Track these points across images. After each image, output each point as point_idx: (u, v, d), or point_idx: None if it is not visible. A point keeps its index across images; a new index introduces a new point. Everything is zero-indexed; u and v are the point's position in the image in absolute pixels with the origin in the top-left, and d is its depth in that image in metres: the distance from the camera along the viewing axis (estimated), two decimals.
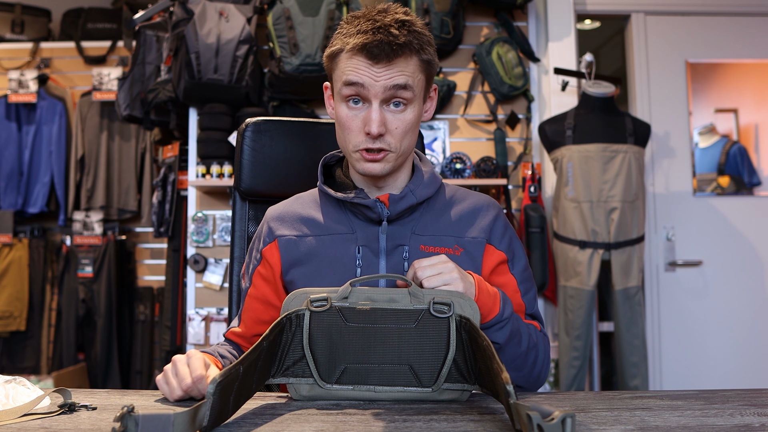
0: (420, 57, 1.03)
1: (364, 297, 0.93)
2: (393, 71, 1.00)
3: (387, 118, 1.03)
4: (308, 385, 0.93)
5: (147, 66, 3.07)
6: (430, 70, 1.06)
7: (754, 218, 3.05)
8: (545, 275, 2.73)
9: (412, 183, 1.10)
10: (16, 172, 3.68)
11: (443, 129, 2.89)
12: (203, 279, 2.77)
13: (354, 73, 1.01)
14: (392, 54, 0.99)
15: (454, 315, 0.92)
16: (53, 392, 0.93)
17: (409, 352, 0.92)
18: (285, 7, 2.67)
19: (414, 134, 1.07)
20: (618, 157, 2.61)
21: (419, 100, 1.06)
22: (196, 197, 2.82)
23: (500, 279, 1.11)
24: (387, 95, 1.01)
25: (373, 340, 0.92)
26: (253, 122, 1.37)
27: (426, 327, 0.92)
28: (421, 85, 1.05)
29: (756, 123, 3.15)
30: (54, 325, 3.71)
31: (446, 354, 0.91)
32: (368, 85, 1.01)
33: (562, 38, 2.95)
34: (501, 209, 1.16)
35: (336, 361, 0.92)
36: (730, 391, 0.97)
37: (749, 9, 3.11)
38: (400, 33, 1.00)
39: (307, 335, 0.92)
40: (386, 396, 0.92)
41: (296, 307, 0.93)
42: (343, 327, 0.92)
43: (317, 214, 1.12)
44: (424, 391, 0.92)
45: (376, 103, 1.02)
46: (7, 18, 3.92)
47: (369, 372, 0.92)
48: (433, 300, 0.92)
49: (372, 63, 1.00)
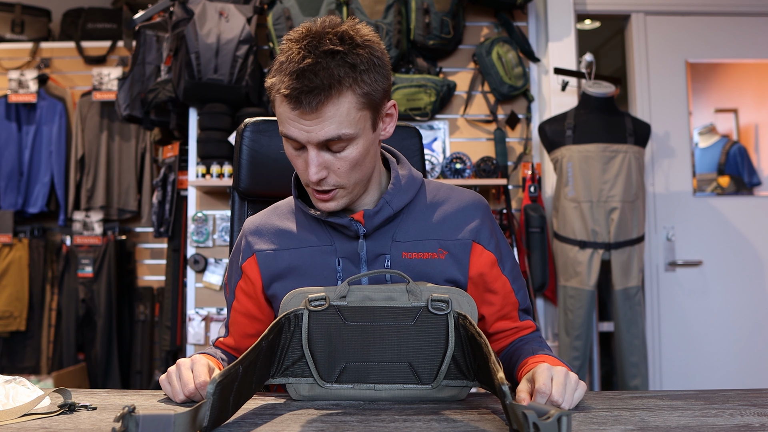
0: (355, 92, 0.94)
1: (362, 295, 0.93)
2: (322, 121, 0.93)
3: (327, 161, 0.98)
4: (308, 384, 0.93)
5: (147, 66, 3.07)
6: (372, 101, 0.97)
7: (754, 218, 3.05)
8: (545, 275, 2.73)
9: (387, 193, 1.05)
10: (16, 172, 3.68)
11: (443, 129, 2.89)
12: (203, 279, 2.77)
13: (285, 126, 0.96)
14: (317, 102, 0.92)
15: (452, 312, 0.92)
16: (53, 392, 0.93)
17: (408, 350, 0.92)
18: (285, 7, 2.67)
19: (366, 164, 1.01)
20: (618, 157, 2.61)
21: (365, 132, 0.98)
22: (196, 197, 2.82)
23: (496, 283, 1.10)
24: (322, 144, 0.96)
25: (372, 338, 0.92)
26: (251, 122, 1.37)
27: (424, 324, 0.92)
28: (365, 119, 0.97)
29: (756, 123, 3.15)
30: (54, 325, 3.71)
31: (445, 351, 0.92)
32: (302, 139, 0.96)
33: (562, 38, 2.95)
34: (487, 207, 1.13)
35: (335, 360, 0.92)
36: (730, 391, 0.97)
37: (749, 9, 3.11)
38: (326, 73, 0.91)
39: (306, 335, 0.92)
40: (386, 395, 0.92)
41: (294, 307, 0.93)
42: (342, 326, 0.92)
43: (295, 225, 1.10)
44: (424, 389, 0.92)
45: (313, 151, 0.96)
46: (7, 18, 3.92)
47: (368, 370, 0.92)
48: (431, 297, 0.92)
49: (299, 114, 0.93)
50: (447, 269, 1.06)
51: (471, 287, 1.08)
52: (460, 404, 0.90)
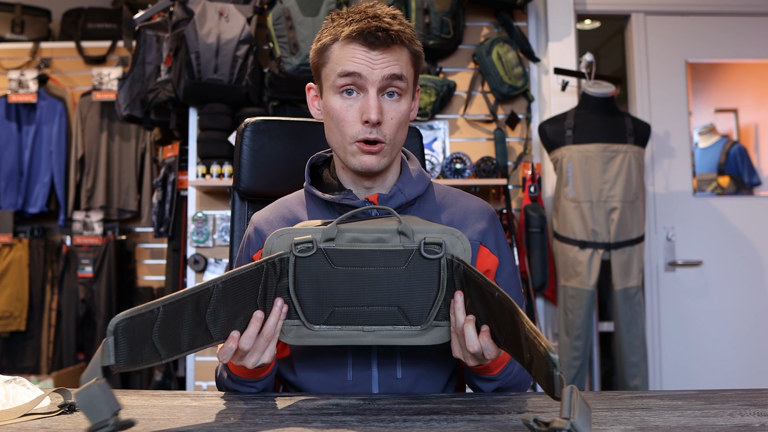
0: (411, 49, 1.04)
1: (350, 237, 0.90)
2: (389, 59, 1.00)
3: (384, 107, 1.01)
4: (294, 327, 0.91)
5: (147, 66, 3.07)
6: (418, 65, 1.07)
7: (754, 218, 3.05)
8: (545, 275, 2.73)
9: (400, 182, 1.08)
10: (16, 172, 3.68)
11: (443, 129, 2.89)
12: (203, 279, 2.77)
13: (351, 62, 0.99)
14: (388, 40, 0.99)
15: (446, 255, 0.90)
16: (53, 392, 0.93)
17: (399, 294, 0.91)
18: (285, 7, 2.67)
19: (406, 128, 1.07)
20: (618, 157, 2.61)
21: (410, 93, 1.06)
22: (196, 197, 2.82)
23: None
24: (384, 84, 1.00)
25: (361, 282, 0.90)
26: (252, 122, 1.37)
27: (416, 268, 0.90)
28: (412, 78, 1.06)
29: (756, 123, 3.15)
30: (54, 325, 3.71)
31: (437, 294, 0.90)
32: (365, 73, 0.99)
33: (562, 38, 2.95)
34: (494, 214, 1.15)
35: (323, 304, 0.90)
36: (730, 391, 0.97)
37: (749, 9, 3.11)
38: (394, 22, 1.01)
39: (293, 281, 0.90)
40: (374, 337, 0.91)
41: (280, 250, 0.89)
42: (330, 271, 0.90)
43: (304, 216, 1.11)
44: (413, 329, 0.91)
45: (374, 90, 1.00)
46: (7, 18, 3.92)
47: (357, 314, 0.91)
48: (424, 240, 0.90)
49: (368, 49, 0.99)
50: None
51: None
52: (460, 404, 0.90)
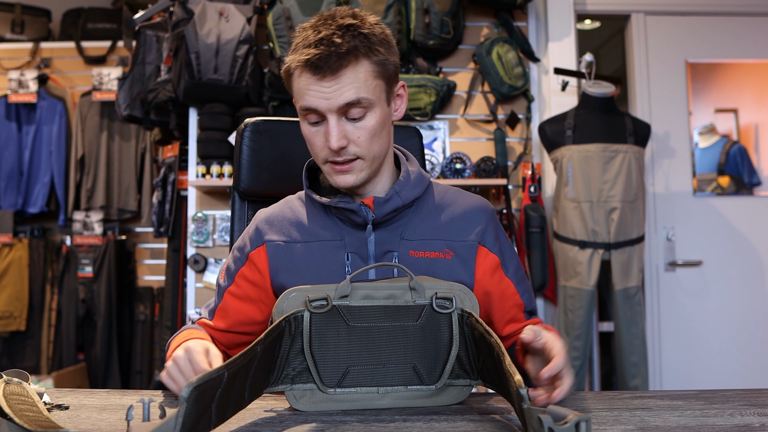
0: (371, 60, 0.99)
1: (362, 294, 0.89)
2: (341, 85, 0.97)
3: (347, 130, 1.00)
4: (308, 391, 0.87)
5: (147, 66, 3.07)
6: (386, 71, 1.02)
7: (754, 218, 3.05)
8: (545, 275, 2.73)
9: (397, 185, 1.07)
10: (16, 172, 3.68)
11: (443, 129, 2.89)
12: (203, 279, 2.77)
13: (306, 96, 0.99)
14: (337, 64, 0.96)
15: (456, 309, 0.90)
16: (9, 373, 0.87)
17: (413, 350, 0.89)
18: (285, 7, 2.67)
19: (382, 137, 1.04)
20: (618, 157, 2.61)
21: (381, 103, 1.02)
22: (196, 197, 2.82)
23: (500, 286, 1.11)
24: (342, 110, 0.99)
25: (377, 339, 0.89)
26: (251, 122, 1.37)
27: (429, 323, 0.90)
28: (380, 89, 1.01)
29: (756, 123, 3.15)
30: (54, 325, 3.71)
31: (449, 350, 0.89)
32: (321, 106, 0.99)
33: (562, 38, 2.95)
34: (493, 211, 1.15)
35: (338, 363, 0.88)
36: (730, 391, 0.97)
37: (749, 9, 3.11)
38: (344, 40, 0.96)
39: (308, 339, 0.87)
40: (389, 399, 0.89)
41: (293, 309, 0.88)
42: (345, 329, 0.88)
43: (306, 219, 1.10)
44: (428, 389, 0.89)
45: (333, 118, 0.99)
46: (7, 18, 3.92)
47: (373, 373, 0.89)
48: (435, 295, 0.90)
49: (318, 78, 0.97)
50: (453, 270, 1.06)
51: (477, 289, 1.09)
52: (460, 404, 0.90)
